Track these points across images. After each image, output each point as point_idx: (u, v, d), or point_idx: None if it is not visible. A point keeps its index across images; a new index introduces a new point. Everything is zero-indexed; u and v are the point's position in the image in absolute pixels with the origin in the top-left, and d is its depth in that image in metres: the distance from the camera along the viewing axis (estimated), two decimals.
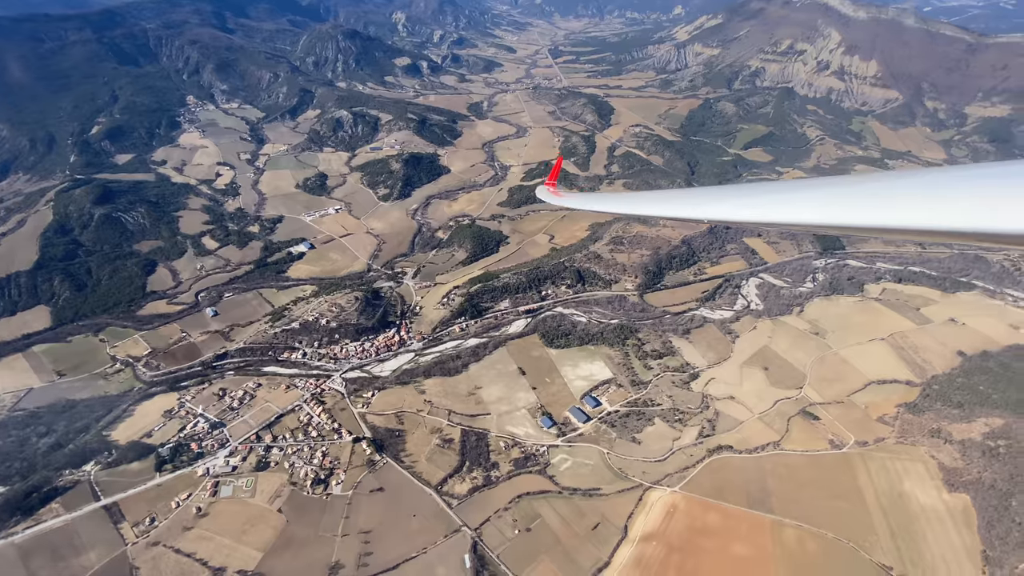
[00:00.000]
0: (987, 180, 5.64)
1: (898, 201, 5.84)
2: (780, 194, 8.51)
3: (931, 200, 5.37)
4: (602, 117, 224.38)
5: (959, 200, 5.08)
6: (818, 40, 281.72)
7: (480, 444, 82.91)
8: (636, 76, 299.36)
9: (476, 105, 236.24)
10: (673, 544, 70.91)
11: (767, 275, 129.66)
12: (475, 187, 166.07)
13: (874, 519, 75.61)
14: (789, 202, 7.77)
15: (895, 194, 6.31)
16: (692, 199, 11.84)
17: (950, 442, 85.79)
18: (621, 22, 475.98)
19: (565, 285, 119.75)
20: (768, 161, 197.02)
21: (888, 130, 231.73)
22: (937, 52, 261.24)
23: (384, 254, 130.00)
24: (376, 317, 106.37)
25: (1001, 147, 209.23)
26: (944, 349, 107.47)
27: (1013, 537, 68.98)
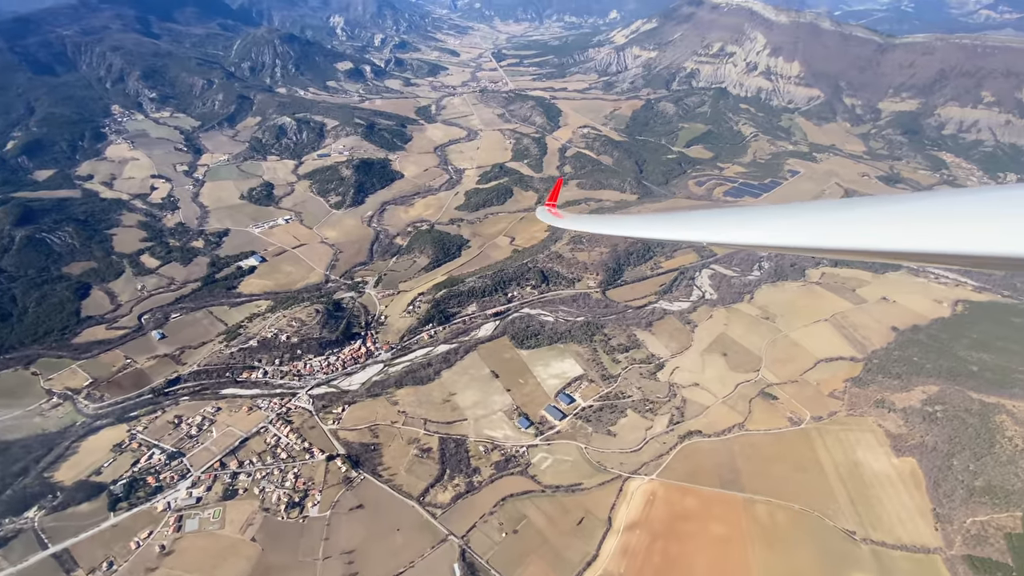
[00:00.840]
0: (987, 204, 5.70)
1: (898, 225, 5.83)
2: (783, 219, 8.37)
3: (930, 223, 5.41)
4: (550, 119, 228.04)
5: (959, 224, 5.11)
6: (746, 43, 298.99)
7: (459, 451, 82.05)
8: (580, 79, 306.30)
9: (424, 109, 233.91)
10: (656, 531, 73.07)
11: (717, 266, 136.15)
12: (431, 191, 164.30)
13: (834, 488, 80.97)
14: (793, 227, 7.68)
15: (894, 218, 6.29)
16: (695, 223, 11.72)
17: (893, 411, 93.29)
18: (560, 26, 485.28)
19: (530, 286, 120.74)
20: (709, 157, 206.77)
21: (813, 125, 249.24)
22: (851, 53, 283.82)
23: (342, 264, 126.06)
24: (339, 329, 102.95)
25: (912, 138, 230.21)
26: (880, 326, 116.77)
27: (958, 494, 75.98)
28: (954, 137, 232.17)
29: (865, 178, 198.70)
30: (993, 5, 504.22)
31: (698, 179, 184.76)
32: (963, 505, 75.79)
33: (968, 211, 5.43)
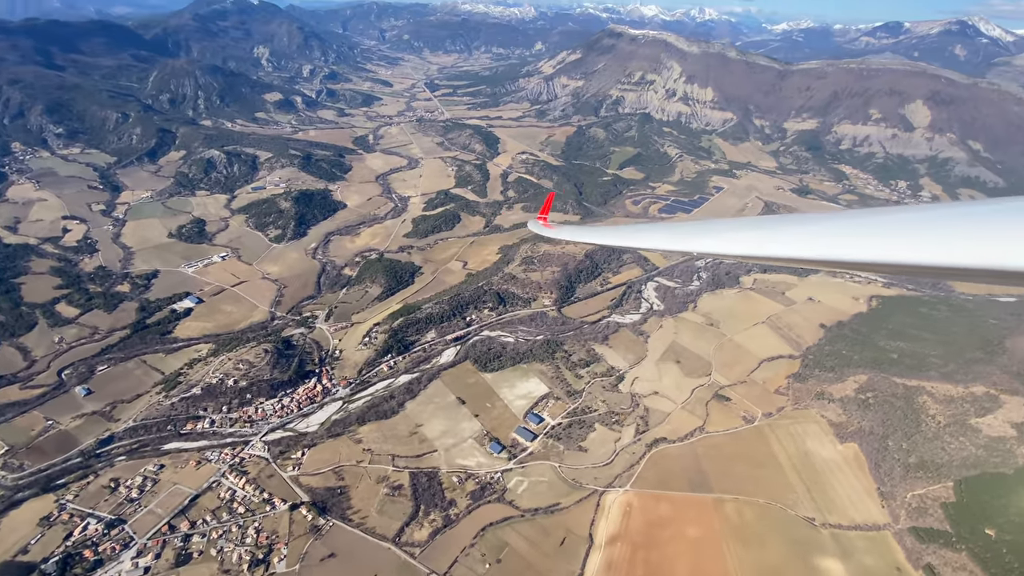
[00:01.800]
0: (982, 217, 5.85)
1: (899, 237, 5.84)
2: (763, 230, 8.44)
3: (922, 235, 5.50)
4: (489, 146, 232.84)
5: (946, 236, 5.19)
6: (664, 71, 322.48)
7: (432, 484, 79.40)
8: (513, 107, 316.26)
9: (361, 138, 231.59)
10: (636, 541, 73.93)
11: (661, 278, 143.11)
12: (376, 220, 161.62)
13: (791, 479, 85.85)
14: (774, 239, 7.74)
15: (896, 230, 6.25)
16: (683, 233, 11.58)
17: (832, 401, 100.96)
18: (489, 57, 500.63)
19: (488, 308, 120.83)
20: (641, 178, 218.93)
21: (730, 145, 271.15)
22: (756, 79, 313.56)
23: (287, 299, 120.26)
24: (292, 369, 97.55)
25: (815, 154, 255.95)
26: (810, 324, 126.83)
27: (896, 472, 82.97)
28: (850, 151, 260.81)
29: (780, 191, 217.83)
30: (872, 32, 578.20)
31: (633, 198, 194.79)
32: (902, 481, 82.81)
33: (971, 225, 5.50)
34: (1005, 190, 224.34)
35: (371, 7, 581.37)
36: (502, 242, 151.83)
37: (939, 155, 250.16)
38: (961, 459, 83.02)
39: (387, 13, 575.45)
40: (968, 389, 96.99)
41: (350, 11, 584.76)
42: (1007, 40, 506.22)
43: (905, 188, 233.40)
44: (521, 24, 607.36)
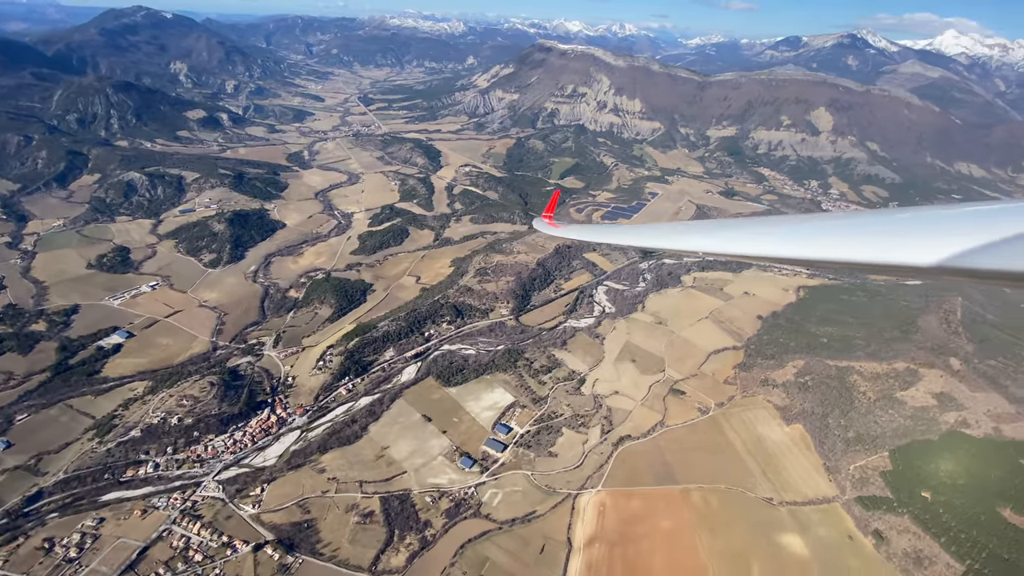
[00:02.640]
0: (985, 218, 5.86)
1: (905, 239, 5.80)
2: (761, 229, 8.45)
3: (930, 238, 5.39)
4: (432, 159, 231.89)
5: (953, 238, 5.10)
6: (594, 84, 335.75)
7: (405, 507, 77.04)
8: (451, 120, 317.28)
9: (296, 155, 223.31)
10: (613, 540, 75.33)
11: (609, 282, 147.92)
12: (320, 239, 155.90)
13: (747, 463, 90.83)
14: (772, 239, 7.82)
15: (904, 230, 6.22)
16: (686, 233, 11.61)
17: (776, 386, 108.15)
18: (421, 71, 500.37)
19: (446, 322, 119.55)
20: (582, 187, 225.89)
21: (660, 153, 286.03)
22: (679, 90, 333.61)
23: (230, 327, 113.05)
24: (241, 401, 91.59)
25: (736, 158, 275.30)
26: (748, 316, 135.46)
27: (838, 447, 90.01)
28: (767, 155, 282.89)
29: (709, 194, 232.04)
30: (775, 46, 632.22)
31: (577, 206, 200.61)
32: (844, 456, 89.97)
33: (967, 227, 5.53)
34: (900, 185, 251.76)
35: (295, 21, 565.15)
36: (454, 254, 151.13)
37: (843, 156, 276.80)
38: (892, 430, 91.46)
39: (313, 27, 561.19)
40: (891, 365, 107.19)
41: (273, 25, 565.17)
42: (892, 50, 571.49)
43: (816, 187, 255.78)
44: (452, 39, 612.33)
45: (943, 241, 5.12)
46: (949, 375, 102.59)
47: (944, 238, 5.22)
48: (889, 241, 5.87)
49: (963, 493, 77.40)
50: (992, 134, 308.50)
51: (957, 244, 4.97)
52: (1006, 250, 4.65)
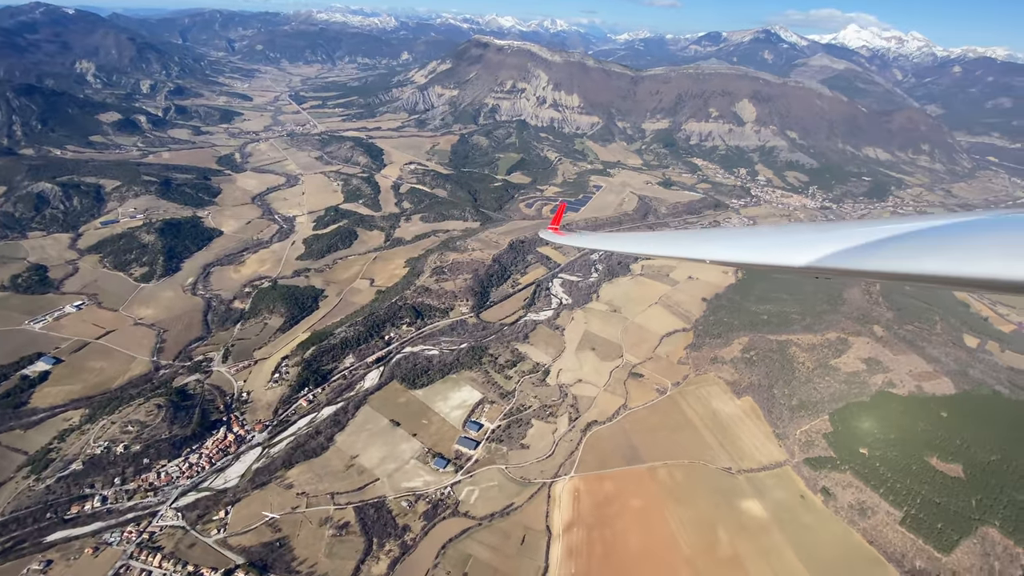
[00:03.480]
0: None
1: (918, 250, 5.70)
2: (765, 239, 8.45)
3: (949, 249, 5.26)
4: (374, 158, 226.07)
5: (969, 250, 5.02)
6: (532, 80, 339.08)
7: (381, 514, 75.62)
8: (390, 118, 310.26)
9: (227, 158, 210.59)
10: (590, 523, 77.70)
11: (564, 274, 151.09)
12: (262, 245, 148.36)
13: (706, 437, 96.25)
14: (777, 248, 7.83)
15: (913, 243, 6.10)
16: (691, 242, 11.46)
17: (724, 363, 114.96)
18: (354, 67, 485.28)
19: (405, 324, 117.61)
20: (529, 182, 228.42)
21: (600, 147, 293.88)
22: (614, 85, 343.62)
23: (171, 345, 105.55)
24: (194, 422, 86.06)
25: (671, 150, 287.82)
26: (694, 299, 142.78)
27: (785, 415, 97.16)
28: (699, 145, 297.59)
29: (649, 185, 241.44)
30: (697, 41, 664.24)
31: (526, 201, 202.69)
32: (791, 422, 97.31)
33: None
34: (818, 170, 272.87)
35: (214, 16, 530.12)
36: (407, 255, 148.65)
37: (766, 144, 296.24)
38: (830, 395, 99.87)
39: (233, 22, 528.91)
40: (824, 336, 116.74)
41: (189, 20, 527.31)
42: (802, 45, 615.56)
43: (745, 174, 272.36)
44: (384, 34, 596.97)
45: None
46: (874, 341, 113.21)
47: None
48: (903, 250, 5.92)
49: (895, 446, 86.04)
50: (893, 120, 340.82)
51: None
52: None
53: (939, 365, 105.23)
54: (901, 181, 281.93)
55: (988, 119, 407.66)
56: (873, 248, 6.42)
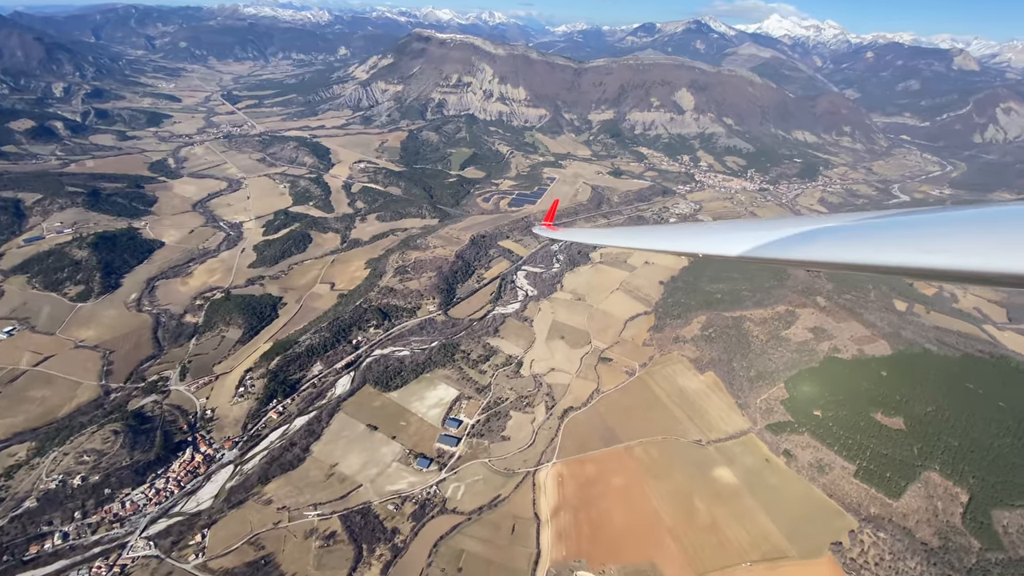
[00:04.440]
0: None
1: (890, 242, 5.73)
2: (760, 232, 8.54)
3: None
4: (321, 158, 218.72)
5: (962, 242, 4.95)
6: (478, 73, 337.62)
7: (369, 520, 74.64)
8: (334, 115, 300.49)
9: (160, 163, 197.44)
10: (575, 506, 79.97)
11: (527, 266, 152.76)
12: (209, 254, 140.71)
13: (675, 413, 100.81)
14: (771, 240, 7.86)
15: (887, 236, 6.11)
16: (688, 235, 11.48)
17: (686, 342, 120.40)
18: (289, 64, 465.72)
19: (372, 326, 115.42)
20: (483, 176, 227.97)
21: (549, 139, 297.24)
22: (558, 77, 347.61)
23: (121, 366, 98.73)
24: (156, 445, 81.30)
25: (618, 139, 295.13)
26: (652, 283, 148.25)
27: (745, 386, 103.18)
28: (643, 134, 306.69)
29: (600, 175, 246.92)
30: (633, 32, 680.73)
31: (483, 196, 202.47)
32: (751, 392, 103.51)
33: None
34: (754, 154, 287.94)
35: (128, 11, 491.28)
36: (367, 256, 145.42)
37: (706, 131, 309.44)
38: (783, 364, 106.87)
39: (151, 18, 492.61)
40: (774, 310, 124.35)
41: (100, 16, 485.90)
42: (731, 35, 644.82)
43: (688, 161, 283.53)
44: (318, 28, 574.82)
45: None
46: (818, 311, 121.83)
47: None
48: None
49: (844, 406, 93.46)
50: (817, 105, 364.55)
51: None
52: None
53: (876, 329, 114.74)
54: (828, 161, 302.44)
55: (900, 100, 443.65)
56: (843, 241, 6.61)
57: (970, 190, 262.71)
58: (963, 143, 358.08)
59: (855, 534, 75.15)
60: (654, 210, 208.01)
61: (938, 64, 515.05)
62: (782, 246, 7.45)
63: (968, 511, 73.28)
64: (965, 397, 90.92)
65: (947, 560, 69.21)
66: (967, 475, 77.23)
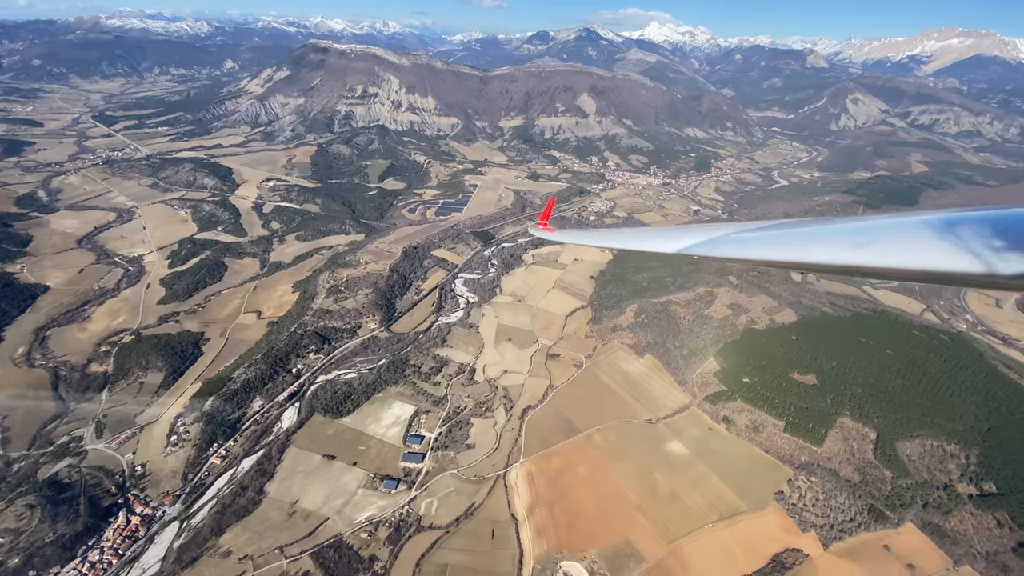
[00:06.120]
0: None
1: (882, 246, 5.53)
2: (756, 233, 8.59)
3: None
4: (223, 179, 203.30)
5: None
6: (384, 84, 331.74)
7: (342, 553, 71.40)
8: (230, 132, 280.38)
9: (28, 197, 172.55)
10: (549, 500, 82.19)
11: (464, 274, 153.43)
12: (108, 294, 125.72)
13: (624, 397, 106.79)
14: (766, 243, 7.91)
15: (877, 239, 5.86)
16: (685, 235, 11.35)
17: (623, 330, 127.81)
18: (169, 79, 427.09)
19: (312, 352, 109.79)
20: (404, 187, 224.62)
21: (464, 146, 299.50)
22: (465, 85, 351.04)
23: (19, 431, 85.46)
24: (82, 514, 71.62)
25: (531, 145, 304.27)
26: (584, 279, 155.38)
27: (681, 364, 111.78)
28: (553, 139, 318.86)
29: (519, 179, 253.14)
30: (529, 40, 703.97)
31: (408, 207, 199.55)
32: (687, 369, 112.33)
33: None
34: (654, 151, 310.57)
35: None
36: (293, 278, 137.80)
37: (609, 133, 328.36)
38: (710, 339, 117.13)
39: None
40: (695, 292, 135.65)
41: None
42: (618, 41, 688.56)
43: (597, 161, 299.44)
44: (198, 40, 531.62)
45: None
46: (733, 289, 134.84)
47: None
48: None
49: (766, 371, 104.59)
50: (702, 104, 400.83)
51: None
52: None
53: (782, 300, 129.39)
54: (717, 154, 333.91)
55: (768, 97, 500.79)
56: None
57: (834, 171, 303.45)
58: (823, 131, 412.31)
59: (792, 482, 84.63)
60: (574, 209, 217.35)
61: (795, 63, 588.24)
62: (778, 248, 7.32)
63: (878, 447, 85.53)
64: (861, 350, 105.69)
65: (868, 491, 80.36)
66: (872, 416, 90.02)
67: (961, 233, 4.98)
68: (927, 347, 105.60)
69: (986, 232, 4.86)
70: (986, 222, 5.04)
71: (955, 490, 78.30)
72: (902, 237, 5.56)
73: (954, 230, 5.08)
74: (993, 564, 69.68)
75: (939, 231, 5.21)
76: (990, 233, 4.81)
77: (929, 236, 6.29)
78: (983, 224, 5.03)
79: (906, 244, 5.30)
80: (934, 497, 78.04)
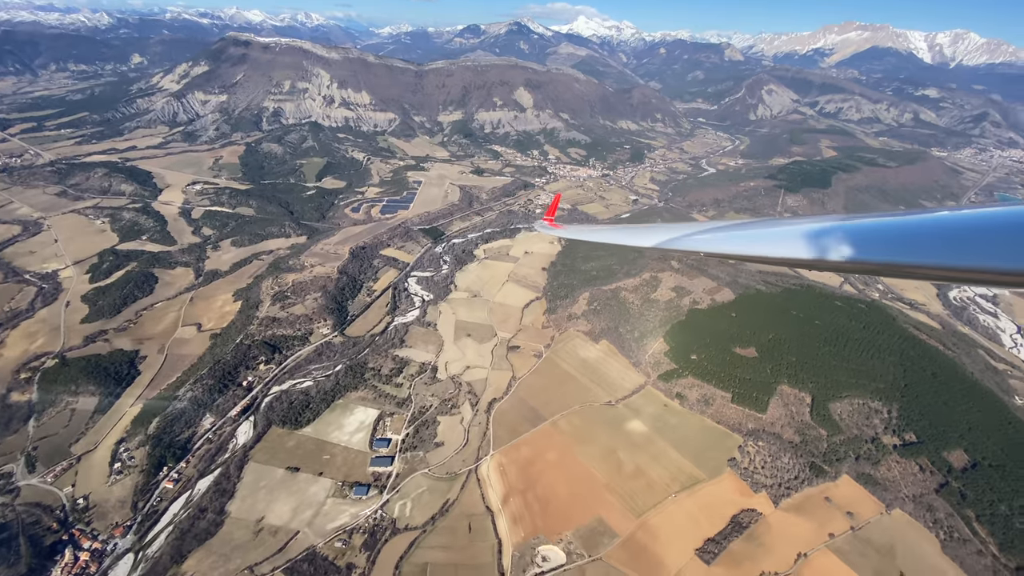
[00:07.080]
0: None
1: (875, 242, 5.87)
2: (756, 230, 8.65)
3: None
4: (143, 184, 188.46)
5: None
6: (314, 79, 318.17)
7: (318, 565, 69.67)
8: (145, 133, 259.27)
9: None
10: (521, 488, 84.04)
11: (416, 272, 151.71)
12: (22, 316, 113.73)
13: (584, 382, 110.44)
14: (766, 240, 8.00)
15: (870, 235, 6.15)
16: (689, 232, 11.52)
17: (577, 318, 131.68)
18: (67, 77, 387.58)
19: (262, 363, 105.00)
20: (345, 186, 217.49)
21: (404, 142, 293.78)
22: (400, 80, 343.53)
23: None
24: (24, 555, 65.28)
25: (471, 139, 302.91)
26: (536, 271, 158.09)
27: (634, 347, 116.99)
28: (493, 133, 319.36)
29: (464, 174, 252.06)
30: (460, 34, 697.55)
31: (351, 206, 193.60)
32: (639, 351, 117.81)
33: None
34: (592, 143, 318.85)
35: None
36: (232, 287, 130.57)
37: (547, 127, 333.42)
38: (658, 322, 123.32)
39: None
40: (641, 278, 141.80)
41: None
42: (549, 35, 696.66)
43: (538, 155, 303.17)
44: (98, 33, 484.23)
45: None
46: (675, 273, 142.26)
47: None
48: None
49: (712, 347, 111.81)
50: (632, 96, 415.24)
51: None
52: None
53: (720, 280, 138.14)
54: (649, 145, 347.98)
55: (692, 89, 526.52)
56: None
57: (756, 158, 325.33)
58: (743, 121, 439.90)
59: (743, 448, 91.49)
60: (520, 203, 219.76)
61: (714, 56, 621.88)
62: (776, 246, 7.50)
63: (813, 409, 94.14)
64: (793, 322, 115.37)
65: (808, 450, 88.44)
66: (807, 381, 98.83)
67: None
68: (848, 315, 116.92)
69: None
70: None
71: (882, 442, 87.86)
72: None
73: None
74: (920, 505, 79.12)
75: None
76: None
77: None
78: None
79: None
80: (864, 450, 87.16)
